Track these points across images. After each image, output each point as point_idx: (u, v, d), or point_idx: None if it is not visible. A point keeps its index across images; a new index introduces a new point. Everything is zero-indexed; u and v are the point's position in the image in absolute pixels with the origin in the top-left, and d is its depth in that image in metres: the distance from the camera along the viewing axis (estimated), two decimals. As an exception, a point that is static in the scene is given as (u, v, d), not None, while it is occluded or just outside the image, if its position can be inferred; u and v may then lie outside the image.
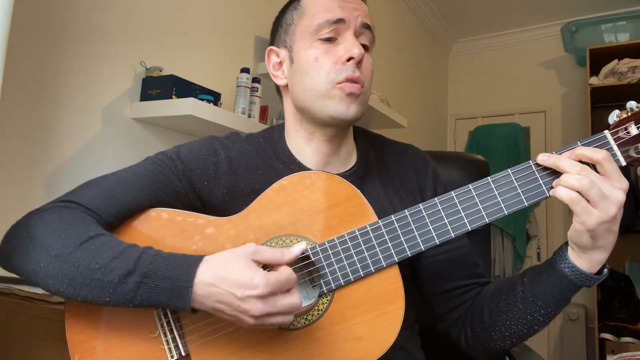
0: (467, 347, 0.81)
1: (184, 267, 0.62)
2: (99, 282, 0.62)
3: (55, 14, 1.24)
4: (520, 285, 0.73)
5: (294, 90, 0.81)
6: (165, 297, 0.61)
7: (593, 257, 0.65)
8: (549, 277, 0.69)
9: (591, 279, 0.67)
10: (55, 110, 1.24)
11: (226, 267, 0.61)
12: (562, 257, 0.68)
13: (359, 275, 0.68)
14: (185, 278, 0.61)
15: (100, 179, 0.75)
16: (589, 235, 0.62)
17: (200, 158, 0.80)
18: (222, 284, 0.60)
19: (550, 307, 0.70)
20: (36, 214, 0.69)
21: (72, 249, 0.63)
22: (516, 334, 0.74)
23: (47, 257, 0.63)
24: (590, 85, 3.08)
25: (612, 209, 0.61)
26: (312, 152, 0.83)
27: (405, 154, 0.90)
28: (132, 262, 0.62)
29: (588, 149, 0.63)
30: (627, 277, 3.02)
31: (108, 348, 0.69)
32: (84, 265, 0.62)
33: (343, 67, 0.76)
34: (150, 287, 0.61)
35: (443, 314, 0.84)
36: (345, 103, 0.76)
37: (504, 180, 0.67)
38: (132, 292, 0.62)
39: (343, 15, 0.77)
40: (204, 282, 0.60)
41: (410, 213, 0.69)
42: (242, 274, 0.59)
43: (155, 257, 0.63)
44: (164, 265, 0.62)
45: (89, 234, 0.65)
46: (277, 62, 0.85)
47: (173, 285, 0.61)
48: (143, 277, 0.62)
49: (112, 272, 0.62)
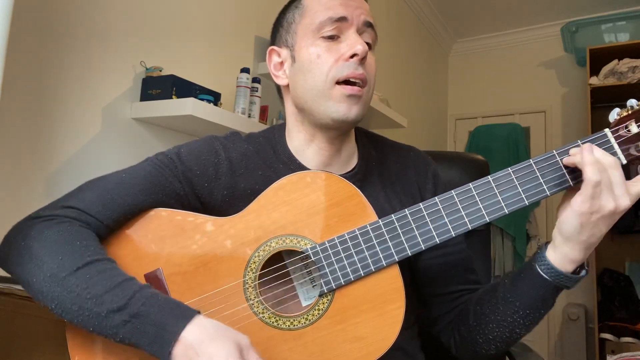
0: (457, 352, 0.81)
1: (175, 317, 0.61)
2: (87, 312, 0.61)
3: (55, 14, 1.24)
4: (502, 287, 0.73)
5: (296, 90, 0.81)
6: (147, 341, 0.60)
7: (569, 252, 0.65)
8: (527, 276, 0.69)
9: (565, 278, 0.66)
10: (55, 110, 1.24)
11: (213, 339, 0.59)
12: (539, 256, 0.68)
13: (359, 274, 0.68)
14: (172, 330, 0.59)
15: (99, 181, 0.74)
16: (579, 221, 0.63)
17: (201, 159, 0.79)
18: (202, 353, 0.58)
19: (528, 309, 0.69)
20: (37, 223, 0.68)
21: (67, 274, 0.62)
22: (499, 338, 0.73)
23: (41, 275, 0.63)
24: (590, 85, 3.08)
25: (610, 204, 0.61)
26: (313, 154, 0.82)
27: (406, 156, 0.89)
28: (124, 300, 0.61)
29: (600, 150, 0.63)
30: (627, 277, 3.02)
31: (108, 349, 0.69)
32: (76, 292, 0.62)
33: (345, 64, 0.75)
34: (136, 328, 0.60)
35: (435, 317, 0.84)
36: (347, 105, 0.76)
37: (504, 179, 0.67)
38: (117, 328, 0.61)
39: (345, 13, 0.77)
40: (187, 341, 0.59)
41: (410, 212, 0.69)
42: (223, 354, 0.57)
43: (149, 299, 0.62)
44: (156, 309, 0.61)
45: (86, 259, 0.64)
46: (278, 62, 0.84)
47: (158, 332, 0.60)
48: (132, 316, 0.60)
49: (102, 305, 0.61)
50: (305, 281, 0.75)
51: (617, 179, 0.62)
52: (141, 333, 0.60)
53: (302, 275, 0.75)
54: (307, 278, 0.75)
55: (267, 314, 0.69)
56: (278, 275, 0.73)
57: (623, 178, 0.62)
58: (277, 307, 0.71)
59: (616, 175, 0.62)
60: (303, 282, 0.75)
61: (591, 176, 0.61)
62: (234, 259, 0.71)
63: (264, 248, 0.71)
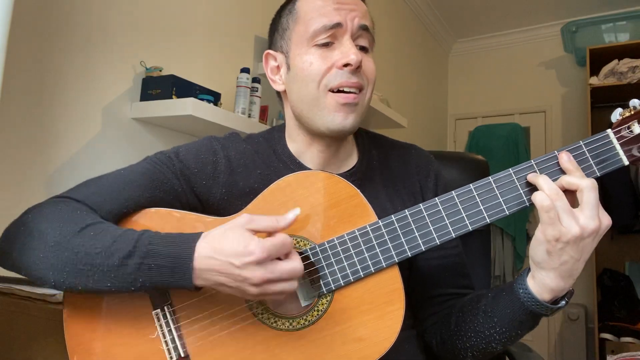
0: (438, 353, 0.82)
1: (183, 243, 0.62)
2: (100, 267, 0.62)
3: (55, 14, 1.23)
4: (485, 299, 0.73)
5: (292, 97, 0.81)
6: (167, 275, 0.61)
7: (545, 280, 0.63)
8: (507, 296, 0.69)
9: (542, 306, 0.64)
10: (55, 110, 1.24)
11: (222, 238, 0.61)
12: (520, 278, 0.67)
13: (358, 275, 0.68)
14: (185, 254, 0.61)
15: (98, 178, 0.75)
16: (545, 248, 0.62)
17: (199, 157, 0.79)
18: (220, 255, 0.60)
19: (505, 327, 0.69)
20: (33, 209, 0.69)
21: (71, 236, 0.63)
22: (476, 347, 0.73)
23: (46, 247, 0.63)
24: (590, 85, 3.08)
25: (574, 228, 0.59)
26: (312, 155, 0.83)
27: (408, 154, 0.89)
28: (132, 244, 0.62)
29: (575, 179, 0.61)
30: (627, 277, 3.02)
31: (107, 349, 0.69)
32: (83, 251, 0.62)
33: (339, 72, 0.75)
34: (151, 267, 0.61)
35: (422, 318, 0.84)
36: (343, 114, 0.75)
37: (505, 180, 0.67)
38: (134, 273, 0.62)
39: (339, 19, 0.75)
40: (202, 256, 0.60)
41: (410, 213, 0.68)
42: (237, 243, 0.59)
43: (154, 237, 0.64)
44: (163, 243, 0.62)
45: (87, 221, 0.65)
46: (274, 66, 0.84)
47: (174, 262, 0.61)
48: (143, 257, 0.61)
49: (113, 255, 0.62)
50: (304, 282, 0.75)
51: (582, 203, 0.60)
52: (158, 269, 0.61)
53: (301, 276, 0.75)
54: (307, 279, 0.75)
55: (266, 314, 0.69)
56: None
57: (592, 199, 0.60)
58: (277, 308, 0.71)
59: (581, 199, 0.60)
60: (302, 283, 0.75)
61: (540, 202, 0.61)
62: (233, 259, 0.71)
63: (263, 248, 0.70)
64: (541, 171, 0.66)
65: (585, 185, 0.60)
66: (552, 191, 0.61)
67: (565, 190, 0.62)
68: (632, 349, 2.63)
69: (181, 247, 0.62)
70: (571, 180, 0.62)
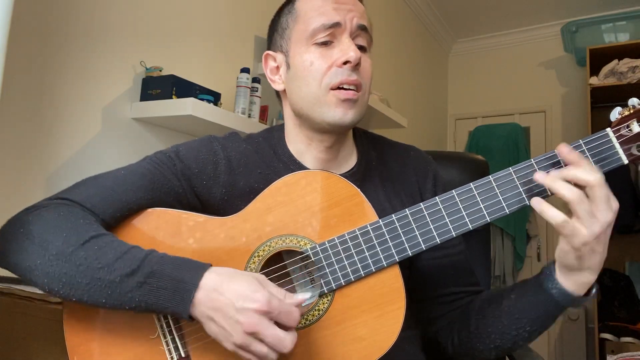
0: (453, 354, 0.81)
1: (191, 270, 0.62)
2: (99, 282, 0.61)
3: (55, 14, 1.23)
4: (507, 300, 0.72)
5: (292, 96, 0.81)
6: (165, 298, 0.61)
7: (580, 279, 0.64)
8: (536, 296, 0.69)
9: (578, 300, 0.66)
10: (55, 110, 1.24)
11: (232, 277, 0.61)
12: (550, 278, 0.67)
13: (359, 275, 0.68)
14: (190, 280, 0.61)
15: (97, 177, 0.74)
16: (574, 255, 0.62)
17: (199, 157, 0.79)
18: (226, 291, 0.59)
19: (535, 326, 0.70)
20: (33, 211, 0.68)
21: (74, 248, 0.63)
22: (500, 348, 0.74)
23: (46, 255, 0.63)
24: (590, 85, 3.08)
25: (597, 228, 0.59)
26: (311, 155, 0.83)
27: (406, 155, 0.89)
28: (137, 262, 0.62)
29: (583, 171, 0.60)
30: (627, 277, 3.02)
31: (107, 350, 0.68)
32: (85, 264, 0.62)
33: (339, 70, 0.75)
34: (152, 287, 0.61)
35: (433, 318, 0.84)
36: (342, 109, 0.76)
37: (505, 178, 0.67)
38: (132, 292, 0.61)
39: (338, 18, 0.76)
40: (207, 287, 0.60)
41: (411, 212, 0.68)
42: (247, 286, 0.59)
43: (162, 258, 0.63)
44: (170, 266, 0.62)
45: (91, 233, 0.65)
46: (274, 66, 0.84)
47: (177, 286, 0.61)
48: (146, 276, 0.61)
49: (115, 271, 0.61)
50: (305, 281, 0.75)
51: (594, 200, 0.59)
52: (159, 291, 0.61)
53: (302, 275, 0.75)
54: (307, 278, 0.75)
55: (267, 314, 0.69)
56: (278, 275, 0.73)
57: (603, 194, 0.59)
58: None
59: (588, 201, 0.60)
60: (303, 282, 0.75)
61: (553, 218, 0.61)
62: (233, 258, 0.71)
63: (263, 248, 0.71)
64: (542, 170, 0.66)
65: (595, 180, 0.59)
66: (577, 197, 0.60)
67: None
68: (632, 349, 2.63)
69: (188, 273, 0.61)
70: (579, 175, 0.60)
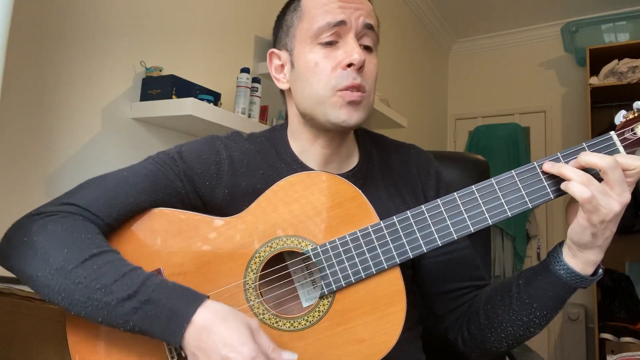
0: (464, 348, 0.81)
1: (186, 301, 0.62)
2: (96, 302, 0.62)
3: (55, 14, 1.23)
4: (516, 287, 0.73)
5: (296, 95, 0.81)
6: (159, 327, 0.61)
7: (589, 257, 0.65)
8: (544, 279, 0.69)
9: (586, 280, 0.67)
10: (55, 110, 1.24)
11: (225, 321, 0.60)
12: (556, 259, 0.68)
13: (360, 276, 0.68)
14: (184, 313, 0.60)
15: (100, 179, 0.74)
16: (591, 231, 0.63)
17: (202, 157, 0.79)
18: (213, 334, 0.59)
19: (546, 310, 0.70)
20: (39, 219, 0.67)
21: (74, 266, 0.63)
22: (512, 336, 0.74)
23: (47, 269, 0.63)
24: (590, 85, 3.08)
25: (616, 207, 0.61)
26: (314, 153, 0.82)
27: (408, 154, 0.89)
28: (135, 287, 0.62)
29: (594, 155, 0.62)
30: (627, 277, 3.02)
31: (108, 348, 0.68)
32: (84, 283, 0.62)
33: (344, 73, 0.74)
34: (147, 314, 0.61)
35: (441, 315, 0.84)
36: (347, 111, 0.75)
37: (507, 182, 0.66)
38: (127, 316, 0.61)
39: (344, 17, 0.75)
40: (199, 324, 0.60)
41: (412, 214, 0.68)
42: (237, 337, 0.59)
43: (159, 285, 0.63)
44: (166, 294, 0.62)
45: (92, 250, 0.64)
46: (279, 64, 0.84)
47: (170, 317, 0.60)
48: (143, 303, 0.61)
49: (112, 294, 0.61)
50: (306, 282, 0.75)
51: (614, 181, 0.61)
52: (153, 319, 0.61)
53: (303, 276, 0.75)
54: (309, 279, 0.75)
55: (268, 314, 0.69)
56: (279, 276, 0.73)
57: (620, 176, 0.61)
58: (278, 308, 0.71)
59: (612, 178, 0.61)
60: (304, 283, 0.75)
61: (580, 193, 0.61)
62: (234, 259, 0.71)
63: (265, 249, 0.71)
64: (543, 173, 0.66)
65: (608, 165, 0.61)
66: (585, 179, 0.61)
67: (583, 169, 0.63)
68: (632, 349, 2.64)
69: (183, 304, 0.61)
70: (590, 160, 0.62)
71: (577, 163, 0.63)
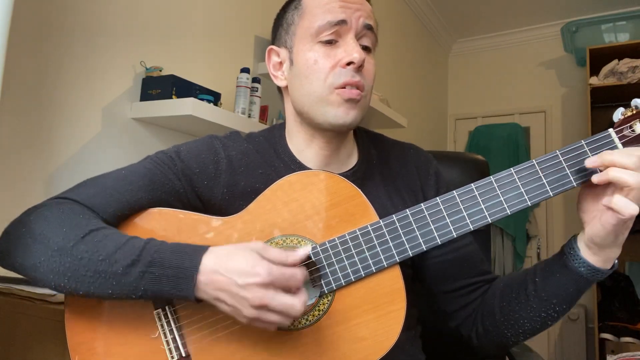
0: (479, 343, 0.81)
1: (189, 254, 0.62)
2: (103, 274, 0.62)
3: (55, 14, 1.23)
4: (532, 284, 0.73)
5: (294, 93, 0.81)
6: (169, 285, 0.61)
7: (609, 254, 0.66)
8: (564, 276, 0.70)
9: (605, 273, 0.68)
10: (55, 110, 1.24)
11: (230, 255, 0.61)
12: (575, 257, 0.68)
13: (359, 275, 0.68)
14: (189, 265, 0.61)
15: (98, 178, 0.74)
16: (614, 233, 0.63)
17: (200, 157, 0.79)
18: (226, 271, 0.60)
19: (565, 304, 0.71)
20: (34, 210, 0.69)
21: (75, 242, 0.63)
22: (530, 330, 0.75)
23: (48, 251, 0.63)
24: (590, 85, 3.08)
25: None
26: (312, 153, 0.82)
27: (407, 154, 0.89)
28: (137, 252, 0.62)
29: (619, 154, 0.60)
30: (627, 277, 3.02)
31: (108, 349, 0.69)
32: (87, 257, 0.63)
33: (342, 71, 0.75)
34: (155, 275, 0.62)
35: (452, 312, 0.83)
36: (344, 109, 0.75)
37: (506, 179, 0.66)
38: (136, 282, 0.62)
39: (344, 16, 0.76)
40: (207, 269, 0.61)
41: (411, 213, 0.68)
42: (245, 262, 0.60)
43: (160, 246, 0.64)
44: (169, 253, 0.63)
45: (90, 227, 0.65)
46: (277, 62, 0.84)
47: (178, 272, 0.61)
48: (147, 266, 0.62)
49: (117, 263, 0.62)
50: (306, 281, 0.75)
51: None
52: (161, 278, 0.62)
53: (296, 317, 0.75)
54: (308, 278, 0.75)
55: (268, 314, 0.69)
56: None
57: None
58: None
59: None
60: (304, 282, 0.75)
61: (634, 182, 0.59)
62: (234, 259, 0.71)
63: (264, 248, 0.70)
64: (543, 171, 0.66)
65: (634, 164, 0.59)
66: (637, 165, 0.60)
67: None
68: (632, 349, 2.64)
69: (187, 258, 0.62)
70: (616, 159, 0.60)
71: (599, 161, 0.62)
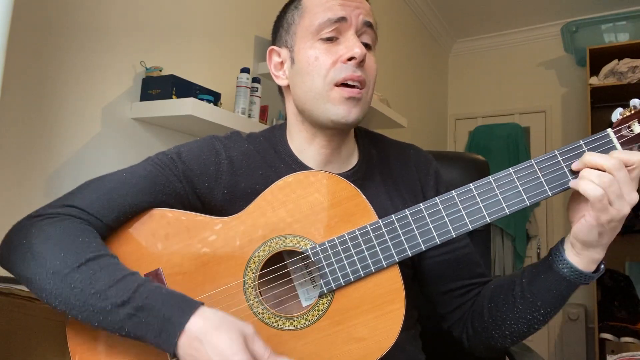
0: (469, 345, 0.82)
1: (180, 309, 0.61)
2: (91, 307, 0.62)
3: (55, 14, 1.23)
4: (519, 286, 0.73)
5: (295, 91, 0.81)
6: (153, 334, 0.61)
7: (592, 255, 0.66)
8: (548, 277, 0.70)
9: (589, 277, 0.67)
10: (55, 110, 1.24)
11: (218, 329, 0.60)
12: (559, 258, 0.68)
13: (359, 275, 0.68)
14: (176, 322, 0.60)
15: (100, 180, 0.74)
16: (598, 230, 0.63)
17: (201, 158, 0.79)
18: (207, 344, 0.59)
19: (550, 307, 0.71)
20: (38, 221, 0.68)
21: (70, 270, 0.63)
22: (516, 333, 0.75)
23: (44, 273, 0.63)
24: (590, 85, 3.08)
25: (625, 208, 0.62)
26: (313, 152, 0.82)
27: (407, 154, 0.90)
28: (128, 294, 0.62)
29: (599, 156, 0.62)
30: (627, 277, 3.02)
31: (108, 349, 0.69)
32: (79, 288, 0.62)
33: (344, 66, 0.75)
34: (141, 321, 0.61)
35: (445, 313, 0.84)
36: (346, 107, 0.76)
37: (505, 179, 0.67)
38: (122, 322, 0.61)
39: (344, 13, 0.76)
40: (191, 333, 0.60)
41: (410, 212, 0.68)
42: (229, 345, 0.58)
43: (153, 292, 0.63)
44: (160, 303, 0.62)
45: (88, 255, 0.64)
46: (278, 62, 0.84)
47: (163, 325, 0.60)
48: (136, 310, 0.61)
49: (107, 299, 0.61)
50: (305, 281, 0.75)
51: (622, 181, 0.61)
52: (146, 326, 0.61)
53: (302, 276, 0.75)
54: (308, 278, 0.75)
55: (267, 314, 0.69)
56: (278, 275, 0.73)
57: (626, 176, 0.61)
58: (278, 307, 0.71)
59: (619, 179, 0.61)
60: (303, 283, 0.75)
61: (592, 191, 0.61)
62: (234, 259, 0.71)
63: (264, 248, 0.71)
64: (541, 170, 0.66)
65: (613, 166, 0.61)
66: (595, 177, 0.61)
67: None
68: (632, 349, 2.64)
69: (176, 313, 0.61)
70: (595, 160, 0.62)
71: (581, 164, 0.63)
